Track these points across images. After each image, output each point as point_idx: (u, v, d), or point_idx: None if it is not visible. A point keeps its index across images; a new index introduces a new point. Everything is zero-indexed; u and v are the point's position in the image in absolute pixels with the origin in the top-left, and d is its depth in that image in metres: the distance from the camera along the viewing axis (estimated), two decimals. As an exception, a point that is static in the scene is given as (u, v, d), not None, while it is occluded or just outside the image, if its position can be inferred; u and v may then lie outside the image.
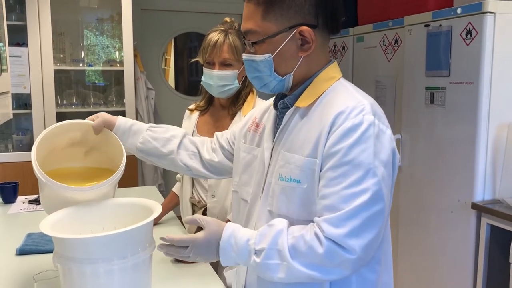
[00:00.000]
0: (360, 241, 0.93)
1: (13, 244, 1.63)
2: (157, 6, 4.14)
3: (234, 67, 1.69)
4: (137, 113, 3.62)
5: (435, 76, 2.42)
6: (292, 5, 1.01)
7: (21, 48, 3.22)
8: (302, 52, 1.04)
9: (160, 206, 1.15)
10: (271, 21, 1.02)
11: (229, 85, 1.70)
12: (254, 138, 1.20)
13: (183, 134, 1.37)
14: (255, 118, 1.24)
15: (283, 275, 0.96)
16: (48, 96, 3.26)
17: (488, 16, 2.14)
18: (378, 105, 1.04)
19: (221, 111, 1.81)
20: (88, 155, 1.34)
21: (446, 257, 2.40)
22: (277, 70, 1.06)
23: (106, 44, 3.67)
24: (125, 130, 1.31)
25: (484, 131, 2.21)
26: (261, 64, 1.06)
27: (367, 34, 3.03)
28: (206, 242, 1.01)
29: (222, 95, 1.74)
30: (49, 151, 1.24)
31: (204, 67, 1.73)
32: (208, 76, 1.71)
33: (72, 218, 1.17)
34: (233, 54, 1.68)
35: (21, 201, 2.25)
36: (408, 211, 2.67)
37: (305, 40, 1.03)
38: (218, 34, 1.69)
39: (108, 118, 1.30)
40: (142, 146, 1.33)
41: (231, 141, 1.34)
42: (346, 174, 0.95)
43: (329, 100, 1.04)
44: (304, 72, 1.07)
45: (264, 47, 1.04)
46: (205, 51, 1.70)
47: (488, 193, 2.25)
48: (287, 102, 1.10)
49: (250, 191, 1.16)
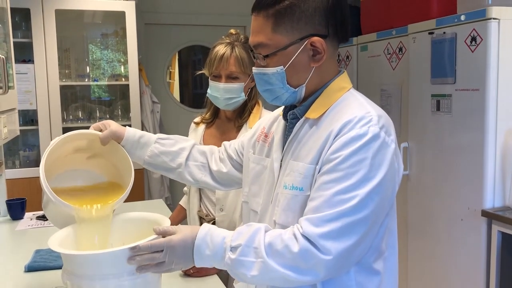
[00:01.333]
0: (337, 245, 0.93)
1: (22, 260, 1.63)
2: (161, 20, 4.16)
3: (241, 79, 1.69)
4: (143, 126, 3.63)
5: (441, 83, 2.42)
6: (302, 16, 1.01)
7: (27, 65, 3.24)
8: (314, 63, 1.04)
9: (168, 220, 1.14)
10: (281, 33, 1.02)
11: (235, 97, 1.70)
12: (263, 148, 1.20)
13: (192, 146, 1.36)
14: (264, 128, 1.23)
15: (256, 272, 0.95)
16: (54, 111, 3.28)
17: (492, 22, 2.14)
18: (388, 117, 1.04)
19: (227, 123, 1.81)
20: (92, 159, 1.31)
21: (457, 266, 2.37)
22: (289, 82, 1.06)
23: (111, 59, 3.70)
24: (133, 143, 1.29)
25: (492, 138, 2.19)
26: (273, 77, 1.05)
27: (371, 43, 3.03)
28: (182, 243, 0.99)
29: (229, 108, 1.74)
30: (54, 159, 1.22)
31: (210, 80, 1.73)
32: (215, 88, 1.70)
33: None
34: (239, 67, 1.67)
35: (28, 217, 2.25)
36: (417, 220, 2.65)
37: (316, 50, 1.03)
38: (224, 47, 1.69)
39: (116, 130, 1.27)
40: (150, 159, 1.32)
41: (239, 151, 1.33)
42: (338, 180, 0.95)
43: (338, 111, 1.04)
44: (316, 82, 1.07)
45: (276, 59, 1.04)
46: (212, 64, 1.70)
47: (498, 200, 2.23)
48: (296, 113, 1.10)
49: (260, 201, 1.16)
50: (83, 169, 1.31)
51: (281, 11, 1.01)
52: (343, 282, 1.02)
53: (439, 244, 2.48)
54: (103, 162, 1.31)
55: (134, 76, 3.45)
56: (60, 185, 1.23)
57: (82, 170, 1.31)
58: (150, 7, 4.08)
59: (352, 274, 1.02)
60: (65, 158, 1.27)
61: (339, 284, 1.02)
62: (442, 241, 2.47)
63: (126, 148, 1.28)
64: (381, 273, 1.05)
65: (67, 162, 1.28)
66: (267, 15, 1.03)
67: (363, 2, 3.15)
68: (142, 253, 0.99)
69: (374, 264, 1.04)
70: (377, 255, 1.04)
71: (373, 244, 1.03)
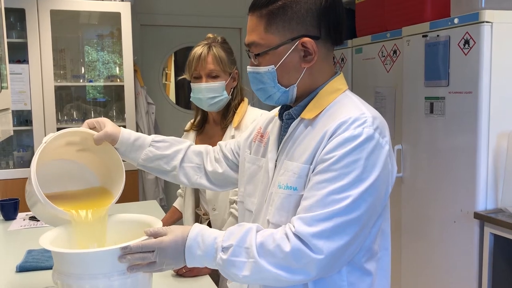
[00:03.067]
0: (329, 244, 0.93)
1: (13, 261, 1.62)
2: (156, 21, 4.17)
3: (221, 78, 1.71)
4: (137, 127, 3.63)
5: (434, 86, 2.43)
6: (294, 17, 1.03)
7: (22, 65, 3.24)
8: (305, 64, 1.05)
9: (160, 222, 1.14)
10: (273, 33, 1.04)
11: (218, 96, 1.71)
12: (259, 148, 1.21)
13: (187, 147, 1.36)
14: (260, 128, 1.24)
15: (248, 272, 0.95)
16: (49, 112, 3.27)
17: (485, 25, 2.15)
18: (382, 119, 1.04)
19: (215, 127, 1.82)
20: (82, 152, 1.29)
21: (450, 267, 2.38)
22: (280, 82, 1.07)
23: (107, 60, 3.70)
24: (127, 145, 1.28)
25: (485, 140, 2.21)
26: (265, 75, 1.07)
27: (365, 45, 3.04)
28: (173, 244, 0.99)
29: (213, 108, 1.75)
30: (44, 153, 1.19)
31: (192, 83, 1.74)
32: (197, 90, 1.72)
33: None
34: (218, 65, 1.69)
35: (21, 218, 2.25)
36: (410, 222, 2.65)
37: (307, 51, 1.04)
38: (201, 47, 1.72)
39: (111, 132, 1.25)
40: (144, 162, 1.31)
41: (235, 151, 1.33)
42: (331, 180, 0.95)
43: (334, 111, 1.04)
44: (308, 83, 1.08)
45: (267, 58, 1.06)
46: (191, 66, 1.72)
47: (491, 202, 2.24)
48: (292, 113, 1.10)
49: (255, 201, 1.16)
50: (72, 160, 1.28)
51: (274, 11, 1.03)
52: (335, 282, 1.03)
53: (432, 245, 2.49)
54: (94, 158, 1.30)
55: (129, 77, 3.45)
56: (50, 189, 1.21)
57: (70, 161, 1.28)
58: (146, 9, 4.08)
59: (344, 274, 1.03)
60: (54, 151, 1.24)
61: (331, 284, 1.03)
62: (435, 243, 2.47)
63: (120, 150, 1.27)
64: (373, 274, 1.06)
65: (56, 153, 1.26)
66: (260, 15, 1.05)
67: (358, 4, 3.16)
68: (133, 252, 0.99)
69: (366, 265, 1.04)
70: (370, 255, 1.05)
71: (365, 245, 1.03)
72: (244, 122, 1.74)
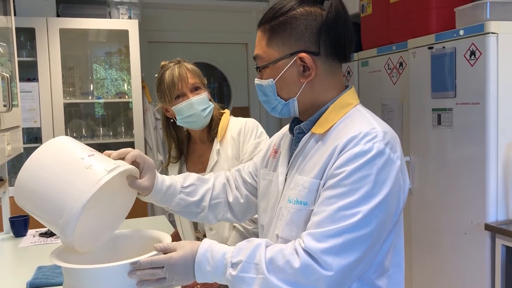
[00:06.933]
0: (338, 260, 0.92)
1: (24, 277, 1.63)
2: (164, 38, 4.21)
3: (202, 89, 1.70)
4: (146, 143, 3.65)
5: (441, 97, 2.43)
6: (293, 33, 1.06)
7: (32, 83, 3.29)
8: (304, 78, 1.07)
9: (169, 237, 1.14)
10: (274, 47, 1.08)
11: (208, 107, 1.69)
12: (272, 163, 1.22)
13: (213, 184, 1.31)
14: (274, 145, 1.25)
15: None
16: (58, 129, 3.31)
17: (491, 36, 2.15)
18: (394, 134, 1.04)
19: (202, 145, 1.79)
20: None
21: (462, 280, 2.35)
22: (280, 94, 1.10)
23: (115, 77, 3.74)
24: (160, 195, 1.22)
25: (494, 151, 2.19)
26: (266, 88, 1.10)
27: (371, 58, 3.05)
28: (183, 260, 0.99)
29: (207, 120, 1.71)
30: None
31: (175, 106, 1.67)
32: (187, 107, 1.65)
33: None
34: (197, 78, 1.69)
35: (31, 235, 2.26)
36: (421, 234, 2.63)
37: (306, 66, 1.06)
38: (174, 68, 1.69)
39: (147, 186, 1.15)
40: (175, 209, 1.28)
41: (254, 174, 1.32)
42: (341, 196, 0.95)
43: (344, 126, 1.04)
44: (311, 97, 1.09)
45: (268, 72, 1.09)
46: (172, 88, 1.66)
47: (502, 214, 2.22)
48: (303, 128, 1.11)
49: (267, 216, 1.16)
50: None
51: (275, 27, 1.07)
52: None
53: (444, 258, 2.47)
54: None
55: (137, 93, 3.49)
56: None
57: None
58: (153, 26, 4.13)
59: None
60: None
61: None
62: (446, 255, 2.45)
63: (151, 199, 1.21)
64: None
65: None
66: (264, 29, 1.09)
67: (363, 18, 3.18)
68: (143, 268, 0.99)
69: (377, 281, 1.03)
70: (380, 272, 1.04)
71: (376, 261, 1.02)
72: (228, 133, 1.71)
